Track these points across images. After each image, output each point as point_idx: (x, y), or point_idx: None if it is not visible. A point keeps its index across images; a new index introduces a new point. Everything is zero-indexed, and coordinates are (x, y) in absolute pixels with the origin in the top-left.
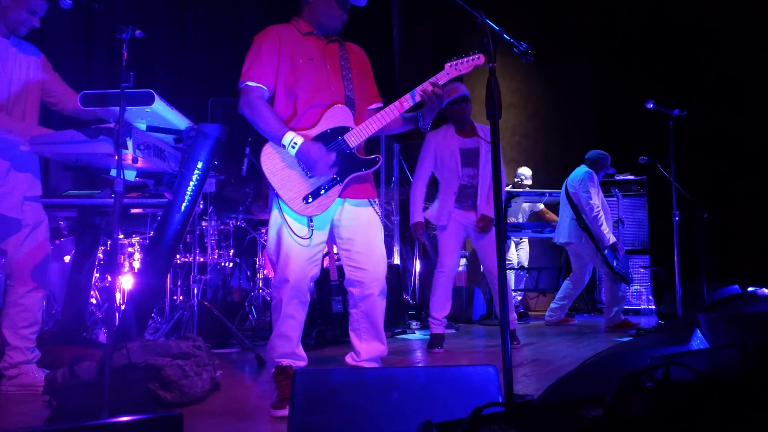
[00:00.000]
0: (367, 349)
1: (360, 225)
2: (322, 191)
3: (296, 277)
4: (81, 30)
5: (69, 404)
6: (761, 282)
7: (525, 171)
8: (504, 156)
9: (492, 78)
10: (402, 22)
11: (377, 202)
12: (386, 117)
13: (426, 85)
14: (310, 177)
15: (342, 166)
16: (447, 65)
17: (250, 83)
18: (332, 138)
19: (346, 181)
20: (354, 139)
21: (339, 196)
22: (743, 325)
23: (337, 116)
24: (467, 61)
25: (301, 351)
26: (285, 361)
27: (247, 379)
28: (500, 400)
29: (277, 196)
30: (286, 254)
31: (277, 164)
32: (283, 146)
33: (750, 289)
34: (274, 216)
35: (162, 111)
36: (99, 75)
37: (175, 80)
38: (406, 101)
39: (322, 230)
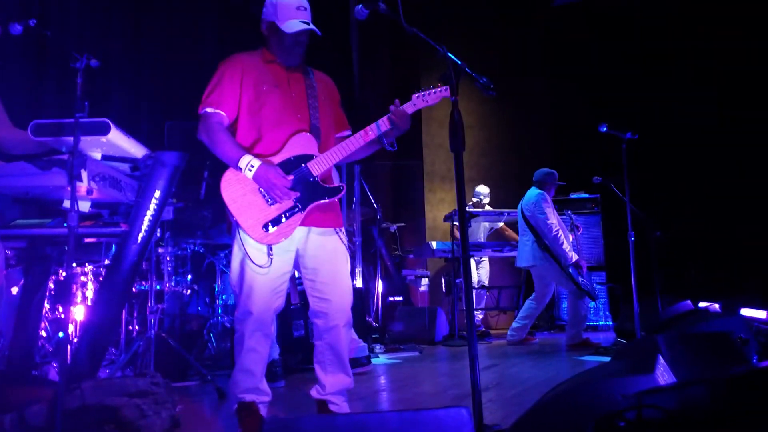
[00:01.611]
0: (332, 381)
1: (325, 255)
2: (283, 219)
3: (259, 309)
4: (30, 56)
5: None
6: (710, 296)
7: (483, 189)
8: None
9: (455, 111)
10: (361, 44)
11: (343, 230)
12: (350, 146)
13: (392, 116)
14: (270, 204)
15: (304, 194)
16: (414, 96)
17: (209, 109)
18: (295, 165)
19: (308, 209)
20: (317, 167)
21: (303, 225)
22: (701, 346)
23: (301, 144)
24: (434, 93)
25: (264, 386)
26: (248, 397)
27: (208, 414)
28: None
29: (237, 224)
30: (249, 286)
31: (237, 191)
32: (240, 169)
33: (701, 304)
34: (236, 246)
35: (118, 140)
36: (48, 102)
37: (130, 103)
38: (372, 131)
39: (286, 259)
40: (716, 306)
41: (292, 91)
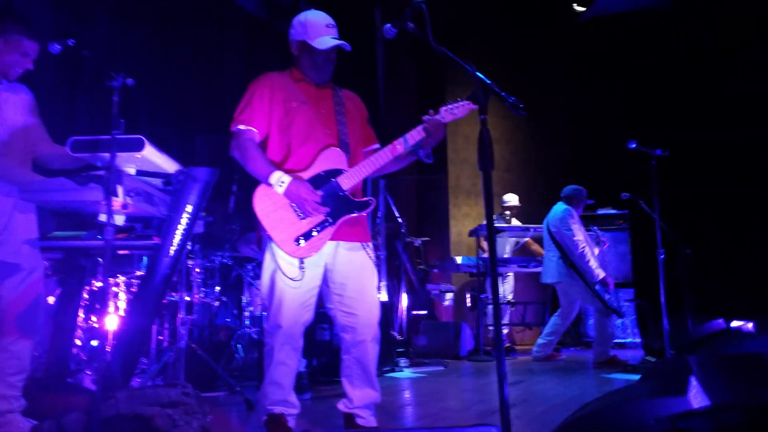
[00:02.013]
0: (360, 396)
1: (353, 270)
2: (314, 233)
3: (289, 323)
4: (65, 74)
5: None
6: (741, 314)
7: (510, 198)
8: None
9: (484, 129)
10: (386, 60)
11: (371, 245)
12: (379, 160)
13: (427, 126)
14: (302, 218)
15: (334, 208)
16: (442, 109)
17: (241, 126)
18: (325, 180)
19: (338, 223)
20: (347, 181)
21: (332, 239)
22: (735, 368)
23: (330, 159)
24: (462, 106)
25: (293, 398)
26: (277, 409)
27: (236, 424)
28: None
29: (269, 237)
30: (279, 299)
31: (269, 206)
32: (271, 185)
33: (734, 324)
34: (267, 260)
35: (151, 156)
36: (81, 120)
37: (159, 119)
38: (400, 145)
39: (316, 274)
40: (749, 326)
41: (320, 108)
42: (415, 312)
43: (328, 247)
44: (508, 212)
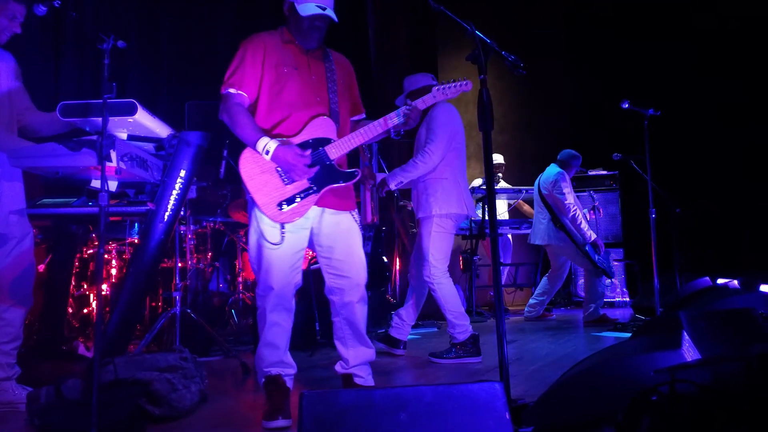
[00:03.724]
0: (354, 355)
1: (340, 233)
2: (297, 199)
3: (280, 284)
4: (48, 38)
5: (54, 424)
6: (729, 272)
7: (495, 156)
8: (480, 152)
9: (484, 90)
10: (377, 23)
11: (356, 212)
12: (369, 133)
13: (411, 106)
14: (286, 184)
15: (320, 177)
16: (434, 89)
17: (231, 90)
18: (313, 148)
19: (322, 191)
20: (335, 151)
21: (317, 205)
22: (723, 323)
23: (320, 127)
24: (454, 86)
25: (289, 358)
26: (274, 371)
27: (233, 388)
28: (507, 417)
29: (253, 201)
30: (267, 262)
31: (254, 169)
32: (258, 152)
33: (720, 281)
34: (252, 223)
35: (144, 120)
36: (66, 84)
37: (150, 83)
38: (391, 120)
39: (301, 237)
40: (735, 283)
41: (312, 74)
42: (408, 275)
43: (314, 211)
44: (500, 174)
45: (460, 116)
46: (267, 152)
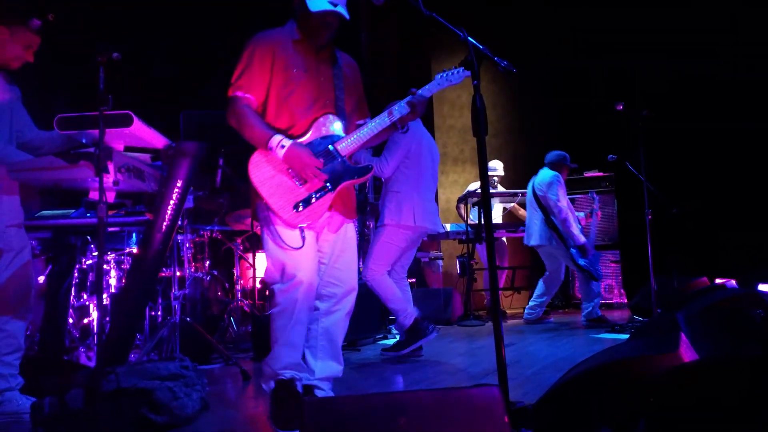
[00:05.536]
0: (322, 368)
1: (344, 242)
2: (313, 199)
3: (309, 278)
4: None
5: None
6: (726, 272)
7: (496, 164)
8: (474, 156)
9: (477, 95)
10: (368, 26)
11: (354, 223)
12: (377, 127)
13: (417, 95)
14: (300, 185)
15: (333, 175)
16: (438, 75)
17: (238, 93)
18: (323, 146)
19: (338, 189)
20: (345, 148)
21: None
22: (719, 324)
23: (328, 126)
24: (458, 72)
25: (304, 363)
26: (288, 374)
27: (233, 396)
28: (505, 421)
29: (267, 206)
30: (293, 259)
31: (265, 173)
32: (271, 149)
33: (718, 280)
34: (266, 229)
35: (140, 131)
36: (61, 96)
37: (142, 93)
38: (394, 112)
39: (312, 236)
40: (733, 282)
41: (320, 75)
42: None
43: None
44: (496, 178)
45: (427, 134)
46: (282, 146)
